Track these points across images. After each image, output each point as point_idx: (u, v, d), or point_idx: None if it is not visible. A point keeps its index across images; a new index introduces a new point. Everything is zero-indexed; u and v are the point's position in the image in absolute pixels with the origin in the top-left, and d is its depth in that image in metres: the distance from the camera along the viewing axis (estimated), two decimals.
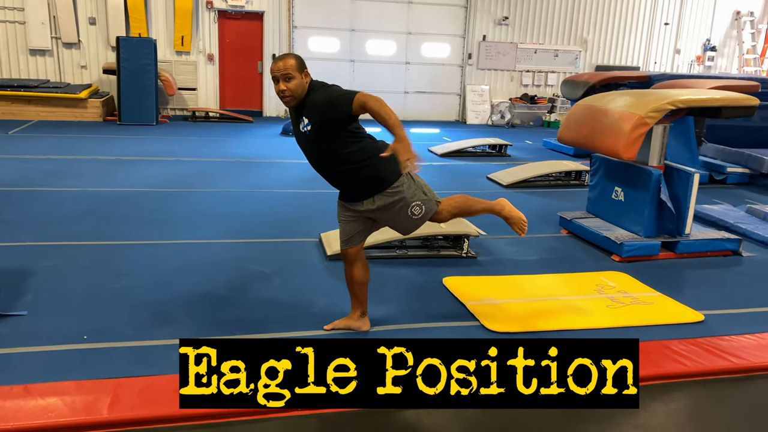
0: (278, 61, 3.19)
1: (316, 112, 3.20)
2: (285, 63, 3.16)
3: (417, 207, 3.38)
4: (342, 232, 3.57)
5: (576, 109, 5.80)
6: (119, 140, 10.12)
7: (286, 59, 3.18)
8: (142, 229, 5.51)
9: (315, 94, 3.21)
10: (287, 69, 3.15)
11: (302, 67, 3.22)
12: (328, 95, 3.17)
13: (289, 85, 3.17)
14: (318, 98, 3.19)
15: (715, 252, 5.45)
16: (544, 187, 8.11)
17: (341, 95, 3.15)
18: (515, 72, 15.06)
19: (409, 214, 3.38)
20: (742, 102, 5.13)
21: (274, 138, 11.23)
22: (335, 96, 3.15)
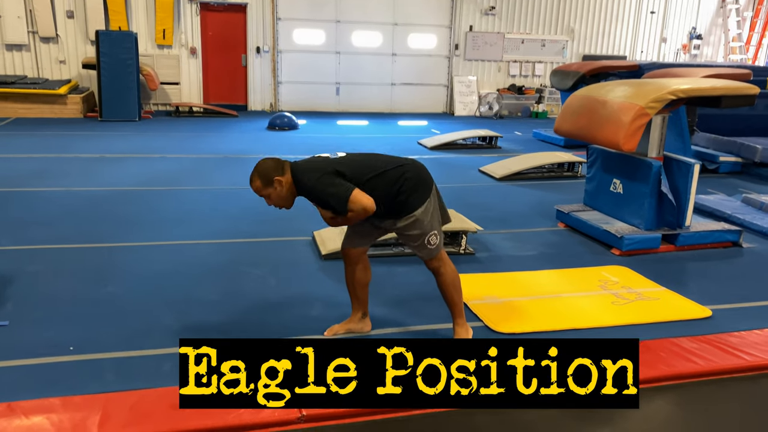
0: (251, 184, 3.16)
1: (320, 203, 3.16)
2: (255, 187, 3.14)
3: (434, 237, 3.28)
4: (349, 230, 3.42)
5: (573, 99, 5.68)
6: (101, 137, 9.85)
7: (252, 181, 3.15)
8: (129, 231, 5.31)
9: (307, 188, 3.11)
10: (259, 192, 3.15)
11: (269, 181, 3.11)
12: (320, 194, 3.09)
13: (272, 202, 3.17)
14: (313, 194, 3.12)
15: (716, 243, 5.37)
16: (537, 179, 8.00)
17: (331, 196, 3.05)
18: (502, 62, 14.93)
19: (426, 242, 3.26)
20: (743, 91, 5.03)
21: (260, 132, 11.02)
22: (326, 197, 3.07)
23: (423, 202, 3.21)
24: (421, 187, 3.22)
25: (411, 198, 3.17)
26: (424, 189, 3.23)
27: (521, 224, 5.97)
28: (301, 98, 14.00)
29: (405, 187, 3.16)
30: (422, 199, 3.21)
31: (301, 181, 3.12)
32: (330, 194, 3.05)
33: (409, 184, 3.17)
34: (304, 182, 3.11)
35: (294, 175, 3.13)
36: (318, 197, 3.11)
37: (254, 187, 3.14)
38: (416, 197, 3.19)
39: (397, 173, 3.19)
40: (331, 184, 3.05)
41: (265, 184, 3.11)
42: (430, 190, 3.27)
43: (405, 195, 3.16)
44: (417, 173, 3.25)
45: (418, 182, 3.22)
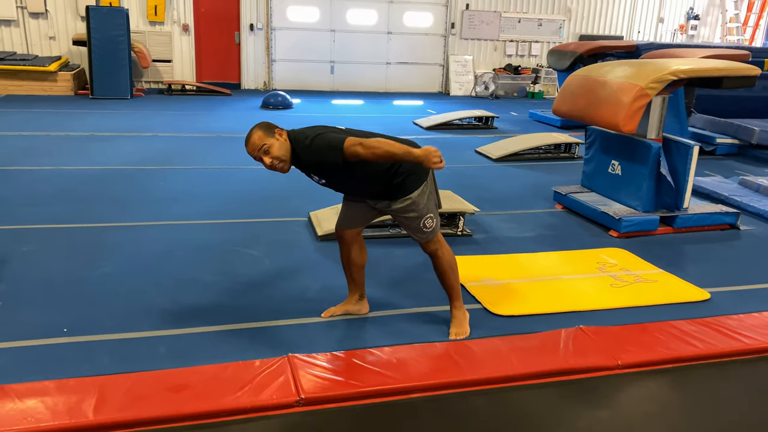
0: (248, 140, 2.98)
1: (318, 170, 3.05)
2: (254, 136, 2.96)
3: (430, 220, 3.20)
4: (344, 211, 3.36)
5: (572, 80, 5.61)
6: (92, 115, 9.71)
7: (253, 133, 2.98)
8: (122, 210, 5.24)
9: (302, 151, 2.99)
10: (261, 141, 2.95)
11: (271, 131, 2.98)
12: (315, 152, 2.95)
13: (273, 153, 2.96)
14: (309, 158, 2.98)
15: (713, 226, 5.35)
16: (534, 160, 7.94)
17: (327, 149, 2.91)
18: (499, 42, 14.78)
19: (422, 226, 3.19)
20: (744, 72, 4.98)
21: (254, 111, 10.89)
22: (321, 152, 2.93)
23: (419, 185, 3.14)
24: (418, 169, 3.16)
25: (408, 180, 3.11)
26: (421, 172, 3.16)
27: (518, 206, 5.93)
28: (295, 77, 13.84)
29: (402, 168, 3.09)
30: (419, 182, 3.14)
31: (298, 141, 2.99)
32: (326, 145, 2.91)
33: (406, 166, 3.10)
34: (300, 140, 2.98)
35: (290, 138, 3.02)
36: (314, 154, 2.95)
37: (254, 140, 2.94)
38: (413, 179, 3.12)
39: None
40: (326, 136, 2.95)
41: (268, 134, 2.95)
42: (427, 173, 3.20)
43: (402, 177, 3.10)
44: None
45: (415, 164, 3.16)
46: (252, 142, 2.96)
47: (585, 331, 3.37)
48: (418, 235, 3.24)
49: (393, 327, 3.43)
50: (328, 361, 2.99)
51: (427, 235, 3.22)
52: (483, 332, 3.38)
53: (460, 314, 3.41)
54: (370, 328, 3.41)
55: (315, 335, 3.31)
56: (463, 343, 3.22)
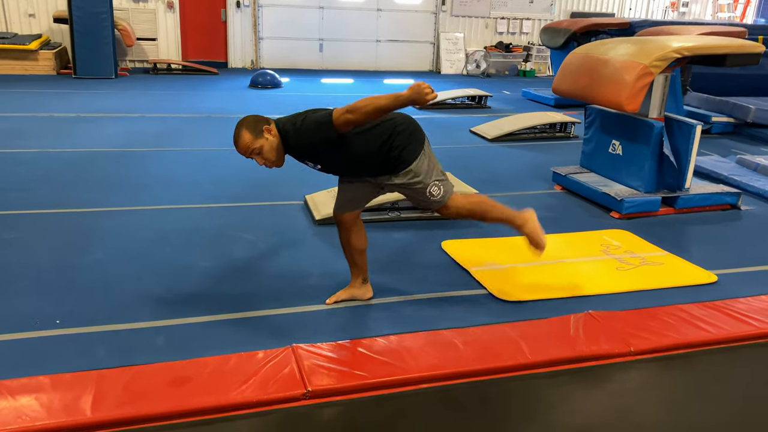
0: (236, 144, 2.90)
1: (312, 154, 2.96)
2: (243, 140, 2.88)
3: (435, 187, 3.10)
4: (341, 193, 3.25)
5: (572, 58, 5.49)
6: (77, 95, 9.45)
7: (241, 135, 2.89)
8: (112, 194, 5.07)
9: (293, 139, 2.90)
10: (248, 147, 2.88)
11: (259, 130, 2.89)
12: (306, 135, 2.87)
13: (264, 155, 2.90)
14: (301, 142, 2.90)
15: (714, 206, 5.29)
16: (530, 140, 7.84)
17: (317, 127, 2.83)
18: (490, 19, 14.58)
19: (428, 194, 3.10)
20: (749, 49, 4.89)
21: (242, 91, 10.67)
22: (311, 132, 2.85)
23: (416, 155, 3.04)
24: (413, 140, 3.05)
25: (404, 152, 3.00)
26: (416, 142, 3.06)
27: (517, 187, 5.83)
28: (283, 55, 13.58)
29: (398, 141, 2.99)
30: (416, 152, 3.03)
31: (286, 130, 2.91)
32: (314, 123, 2.84)
33: (401, 138, 2.99)
34: (290, 133, 2.90)
35: (279, 128, 2.93)
36: (305, 137, 2.88)
37: (243, 143, 2.88)
38: (409, 150, 3.01)
39: (389, 126, 3.01)
40: (314, 116, 2.88)
41: (256, 135, 2.87)
42: (423, 142, 3.10)
43: (398, 150, 2.99)
44: (408, 125, 3.07)
45: (410, 135, 3.05)
46: (241, 146, 2.91)
47: (594, 316, 3.30)
48: (431, 204, 3.15)
49: (398, 313, 3.33)
50: (334, 351, 2.89)
51: (439, 201, 3.12)
52: (490, 319, 3.30)
53: (525, 231, 3.34)
54: (375, 315, 3.32)
55: (318, 323, 3.20)
56: (472, 330, 3.13)
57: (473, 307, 3.43)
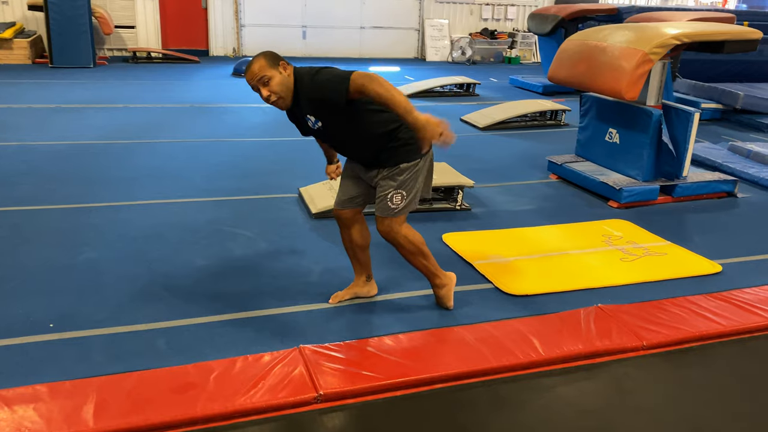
0: (249, 67, 2.74)
1: (317, 108, 2.79)
2: (255, 65, 2.73)
3: (399, 196, 2.92)
4: (342, 190, 3.13)
5: (569, 45, 5.41)
6: (55, 85, 9.17)
7: (255, 61, 2.75)
8: (99, 189, 4.90)
9: (305, 87, 2.76)
10: (261, 71, 2.72)
11: (276, 61, 2.75)
12: (318, 86, 2.72)
13: (272, 87, 2.73)
14: (311, 93, 2.75)
15: (711, 194, 5.28)
16: (521, 128, 7.78)
17: (331, 81, 2.69)
18: (474, 5, 14.45)
19: (389, 197, 2.92)
20: (747, 35, 4.85)
21: (225, 80, 10.45)
22: (324, 85, 2.70)
23: (413, 160, 2.90)
24: (416, 142, 2.88)
25: (402, 149, 2.87)
26: (418, 147, 2.92)
27: (512, 176, 5.77)
28: (266, 42, 13.30)
29: (402, 133, 2.85)
30: (412, 156, 2.89)
31: (302, 77, 2.76)
32: (329, 79, 2.69)
33: (408, 133, 2.84)
34: (304, 77, 2.76)
35: (295, 75, 2.79)
36: (317, 89, 2.72)
37: (256, 66, 2.72)
38: (407, 150, 2.88)
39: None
40: (331, 71, 2.74)
41: (271, 64, 2.73)
42: (424, 153, 2.95)
43: (399, 142, 2.86)
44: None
45: (415, 136, 2.91)
46: (252, 70, 2.74)
47: (604, 310, 3.25)
48: (380, 205, 2.95)
49: (404, 311, 3.25)
50: (343, 351, 2.80)
51: (389, 211, 2.94)
52: (499, 314, 3.23)
53: (439, 293, 3.25)
54: (381, 313, 3.23)
55: (324, 322, 3.11)
56: (482, 326, 3.06)
57: (481, 302, 3.35)
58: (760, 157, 6.20)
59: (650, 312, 3.27)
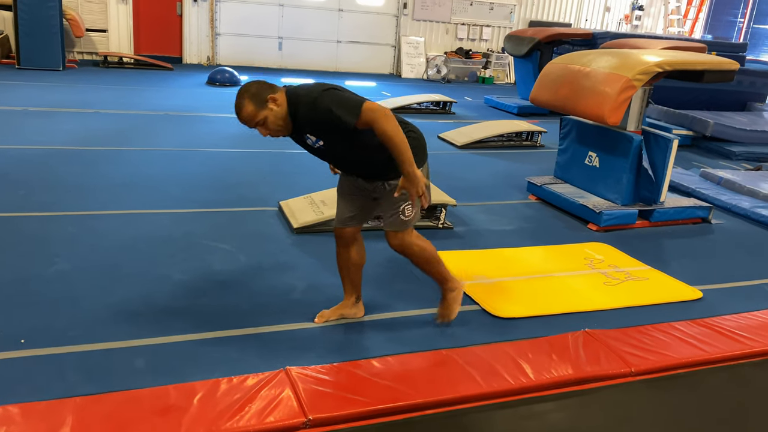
0: (238, 114, 2.67)
1: (319, 130, 2.70)
2: (246, 114, 2.64)
3: (410, 207, 2.91)
4: (341, 207, 3.07)
5: (552, 68, 5.46)
6: (22, 87, 8.90)
7: (244, 108, 2.65)
8: (71, 197, 4.73)
9: (304, 109, 2.65)
10: (252, 118, 2.64)
11: (263, 101, 2.64)
12: (324, 110, 2.61)
13: (268, 126, 2.68)
14: (314, 116, 2.64)
15: (687, 220, 5.36)
16: (497, 147, 7.82)
17: (340, 107, 2.59)
18: (450, 24, 14.60)
19: (400, 211, 2.90)
20: (725, 66, 4.96)
21: (199, 88, 10.30)
22: (331, 109, 2.59)
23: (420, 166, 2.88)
24: (419, 152, 2.88)
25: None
26: (420, 157, 2.89)
27: (492, 196, 5.77)
28: (241, 52, 13.22)
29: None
30: (417, 165, 2.88)
31: (298, 100, 2.66)
32: (338, 104, 2.58)
33: (412, 143, 2.78)
34: (302, 101, 2.65)
35: (288, 96, 2.68)
36: (322, 113, 2.61)
37: (245, 114, 2.63)
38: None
39: (402, 127, 2.82)
40: (338, 94, 2.63)
41: (259, 107, 2.62)
42: (425, 160, 2.96)
43: None
44: (420, 138, 2.93)
45: (417, 147, 2.87)
46: (243, 118, 2.67)
47: (591, 334, 3.23)
48: (393, 222, 2.92)
49: (393, 332, 3.18)
50: (331, 374, 2.71)
51: (403, 224, 2.92)
52: (487, 336, 3.19)
53: (450, 296, 3.20)
54: (368, 334, 3.16)
55: (310, 343, 3.02)
56: (472, 349, 3.01)
57: (469, 324, 3.31)
58: (731, 184, 6.34)
59: (636, 338, 3.26)
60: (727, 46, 12.15)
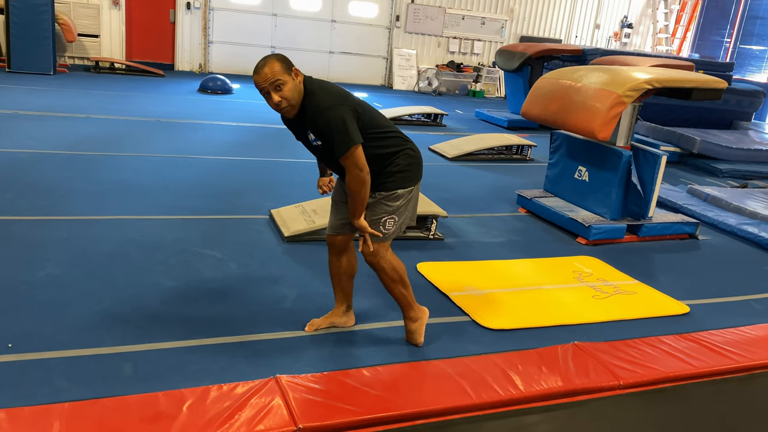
0: (260, 69, 2.63)
1: (319, 133, 2.72)
2: (270, 69, 2.61)
3: (391, 221, 2.93)
4: (334, 214, 3.08)
5: (543, 83, 5.52)
6: (12, 90, 8.85)
7: (270, 64, 2.62)
8: (61, 201, 4.70)
9: (314, 108, 2.68)
10: (275, 75, 2.60)
11: (289, 67, 2.67)
12: (326, 122, 2.66)
13: (284, 93, 2.63)
14: (318, 120, 2.68)
15: (674, 235, 5.42)
16: (488, 160, 7.87)
17: (339, 135, 2.65)
18: (442, 38, 14.71)
19: (382, 222, 2.91)
20: (713, 84, 5.04)
21: (191, 95, 10.29)
22: (332, 130, 2.66)
23: (407, 186, 2.92)
24: (414, 170, 2.95)
25: (398, 175, 2.87)
26: (414, 175, 2.95)
27: (482, 208, 5.80)
28: (233, 60, 13.23)
29: (401, 159, 2.87)
30: (408, 183, 2.92)
31: (315, 94, 2.67)
32: (340, 129, 2.63)
33: (406, 160, 2.89)
34: (318, 97, 2.66)
35: (306, 85, 2.70)
36: (324, 123, 2.65)
37: (270, 68, 2.59)
38: (404, 177, 2.89)
39: (400, 142, 2.90)
40: (346, 120, 2.65)
41: (285, 69, 2.62)
42: (418, 180, 2.99)
43: (397, 167, 2.86)
44: (417, 155, 2.97)
45: (413, 164, 2.94)
46: (264, 73, 2.61)
47: (580, 347, 3.25)
48: (373, 233, 2.90)
49: (383, 341, 3.19)
50: (322, 383, 2.71)
51: (383, 237, 2.92)
52: (477, 348, 3.20)
53: (411, 326, 3.16)
54: (359, 343, 3.16)
55: (300, 351, 3.01)
56: (462, 360, 3.02)
57: (459, 335, 3.32)
58: (717, 201, 6.42)
59: (624, 351, 3.29)
60: (714, 65, 12.31)
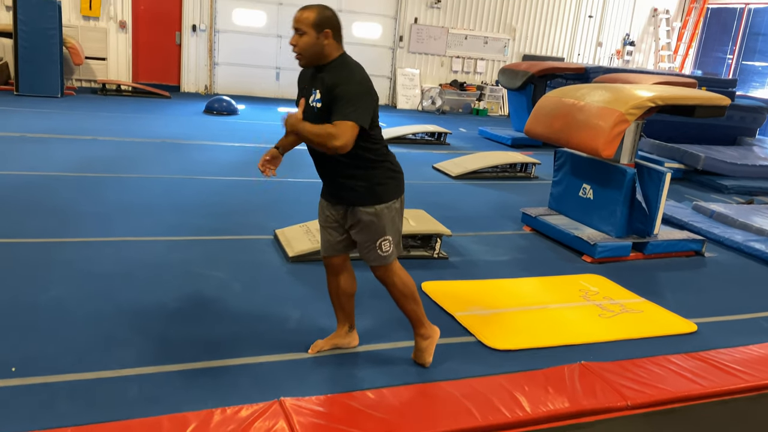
0: (300, 10, 2.71)
1: (326, 91, 2.70)
2: (301, 14, 2.68)
3: (387, 243, 2.91)
4: (324, 239, 3.07)
5: (545, 101, 5.54)
6: (20, 113, 8.93)
7: (308, 11, 2.68)
8: (68, 223, 4.72)
9: (332, 71, 2.70)
10: (300, 22, 2.67)
11: (321, 26, 2.68)
12: (340, 83, 2.64)
13: (299, 40, 2.68)
14: (330, 79, 2.68)
15: (680, 252, 5.39)
16: (492, 178, 7.88)
17: (347, 104, 2.61)
18: (445, 57, 14.81)
19: (377, 246, 2.90)
20: (716, 102, 5.04)
21: (197, 116, 10.36)
22: (343, 93, 2.62)
23: (389, 200, 2.87)
24: (395, 182, 2.90)
25: (379, 188, 2.83)
26: (396, 187, 2.90)
27: (486, 226, 5.79)
28: (239, 82, 13.35)
29: (381, 173, 2.84)
30: (389, 196, 2.87)
31: (349, 68, 2.70)
32: (353, 101, 2.60)
33: (387, 174, 2.85)
34: (349, 71, 2.69)
35: (342, 58, 2.74)
36: (344, 89, 2.62)
37: (303, 15, 2.66)
38: (386, 189, 2.85)
39: (384, 156, 2.87)
40: (365, 100, 2.66)
41: (315, 24, 2.65)
42: (400, 195, 2.95)
43: (375, 180, 2.83)
44: (398, 172, 2.93)
45: (395, 175, 2.90)
46: (298, 16, 2.69)
47: (587, 367, 3.22)
48: (371, 257, 2.93)
49: (387, 363, 3.17)
50: (326, 406, 2.69)
51: (382, 259, 2.92)
52: (483, 369, 3.17)
53: (422, 344, 3.16)
54: (363, 365, 3.14)
55: (304, 373, 3.00)
56: (468, 382, 2.99)
57: (464, 356, 3.30)
58: (723, 217, 6.39)
59: (632, 371, 3.26)
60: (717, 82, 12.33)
